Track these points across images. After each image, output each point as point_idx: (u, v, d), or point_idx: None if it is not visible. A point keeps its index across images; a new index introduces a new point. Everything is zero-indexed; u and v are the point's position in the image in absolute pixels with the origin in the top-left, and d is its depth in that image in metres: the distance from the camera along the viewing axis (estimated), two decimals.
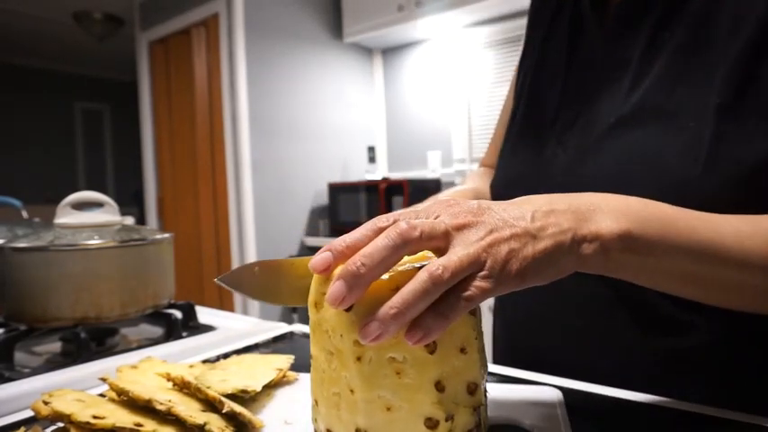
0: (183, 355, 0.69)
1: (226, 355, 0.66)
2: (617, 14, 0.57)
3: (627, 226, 0.37)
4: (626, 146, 0.52)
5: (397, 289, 0.31)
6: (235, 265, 2.75)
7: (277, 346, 0.71)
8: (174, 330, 0.75)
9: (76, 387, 0.51)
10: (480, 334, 0.36)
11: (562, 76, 0.62)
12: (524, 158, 0.64)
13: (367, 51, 3.29)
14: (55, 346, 0.76)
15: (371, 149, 3.24)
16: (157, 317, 0.78)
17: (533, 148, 0.63)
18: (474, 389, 0.34)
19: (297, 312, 2.82)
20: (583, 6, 0.62)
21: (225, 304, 2.82)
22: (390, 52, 3.26)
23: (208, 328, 0.79)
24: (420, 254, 0.37)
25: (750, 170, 0.45)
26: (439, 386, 0.32)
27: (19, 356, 0.69)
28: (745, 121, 0.46)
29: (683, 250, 0.39)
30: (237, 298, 2.77)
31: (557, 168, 0.58)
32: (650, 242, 0.38)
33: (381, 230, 0.34)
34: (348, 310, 0.32)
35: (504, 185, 0.66)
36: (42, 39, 4.85)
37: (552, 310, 0.59)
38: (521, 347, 0.64)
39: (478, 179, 0.80)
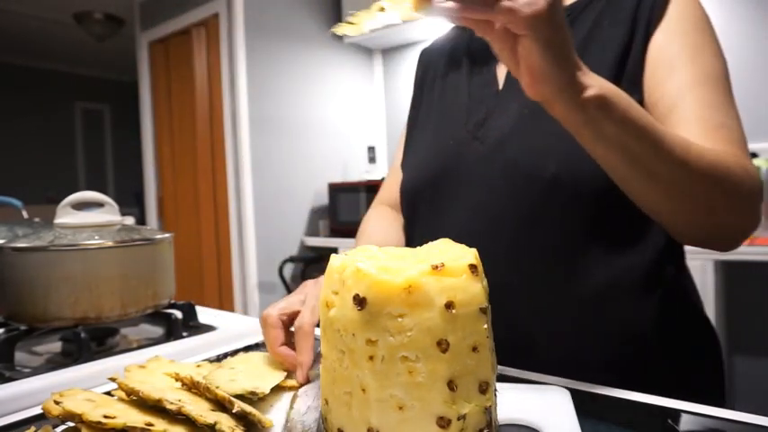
0: (183, 355, 0.68)
1: (234, 353, 0.65)
2: None
3: (603, 93, 0.45)
4: (540, 129, 0.61)
5: (409, 288, 0.31)
6: (235, 264, 2.75)
7: None
8: (174, 330, 0.75)
9: (77, 387, 0.51)
10: (491, 333, 0.35)
11: (466, 86, 0.72)
12: (442, 158, 0.70)
13: (367, 51, 3.29)
14: (55, 346, 0.75)
15: (371, 149, 3.24)
16: (158, 317, 0.78)
17: (450, 148, 0.69)
18: (485, 388, 0.34)
19: None
20: (474, 42, 0.73)
21: (225, 304, 2.81)
22: (390, 52, 3.26)
23: (208, 328, 0.78)
24: None
25: None
26: (451, 385, 0.32)
27: (19, 356, 0.69)
28: None
29: (638, 129, 0.46)
30: (238, 297, 2.77)
31: (476, 158, 0.66)
32: (619, 108, 0.45)
33: None
34: (361, 309, 0.32)
35: (422, 184, 0.71)
36: (42, 39, 4.84)
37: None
38: None
39: (387, 227, 0.80)
